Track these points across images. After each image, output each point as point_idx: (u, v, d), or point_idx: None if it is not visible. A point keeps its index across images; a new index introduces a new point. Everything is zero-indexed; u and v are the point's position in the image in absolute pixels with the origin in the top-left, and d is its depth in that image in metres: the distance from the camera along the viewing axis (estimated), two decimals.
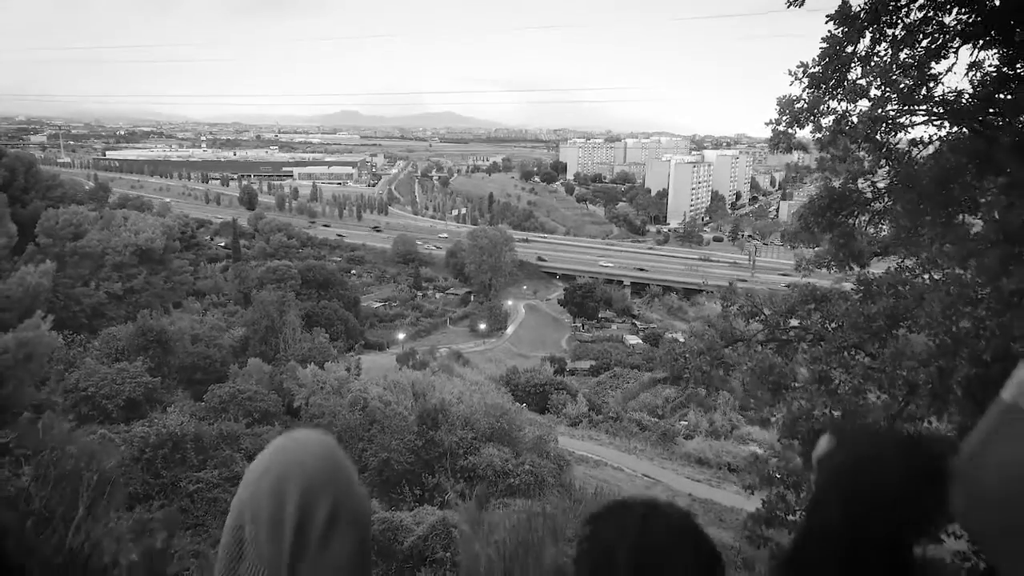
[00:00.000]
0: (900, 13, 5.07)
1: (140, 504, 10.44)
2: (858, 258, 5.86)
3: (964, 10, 4.93)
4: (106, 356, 27.21)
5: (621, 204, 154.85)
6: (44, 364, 19.71)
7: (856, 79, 5.23)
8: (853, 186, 5.79)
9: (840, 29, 5.14)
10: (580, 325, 69.15)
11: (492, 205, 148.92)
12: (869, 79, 5.12)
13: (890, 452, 1.12)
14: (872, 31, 5.15)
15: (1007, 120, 5.07)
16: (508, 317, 69.10)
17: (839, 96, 5.30)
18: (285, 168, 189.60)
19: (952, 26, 5.00)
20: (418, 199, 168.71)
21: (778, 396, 5.83)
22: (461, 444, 16.83)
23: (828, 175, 5.94)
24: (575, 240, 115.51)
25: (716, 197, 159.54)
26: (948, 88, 5.20)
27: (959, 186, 5.04)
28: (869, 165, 5.70)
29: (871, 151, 5.54)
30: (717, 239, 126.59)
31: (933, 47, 5.04)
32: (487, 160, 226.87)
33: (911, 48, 5.10)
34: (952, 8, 4.96)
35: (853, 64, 5.26)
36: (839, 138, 5.34)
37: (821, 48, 5.25)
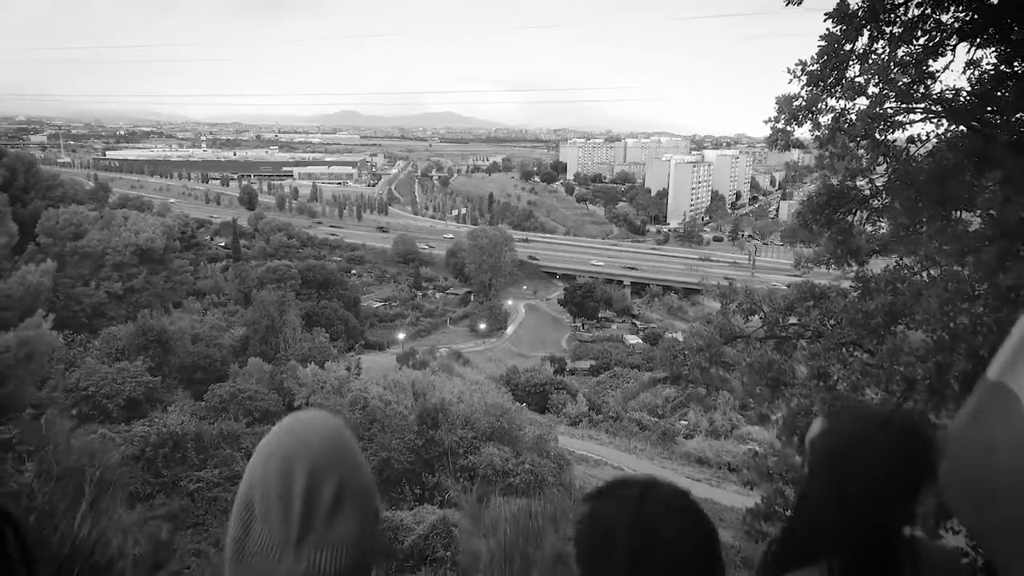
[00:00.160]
0: (898, 11, 5.10)
1: (141, 503, 10.47)
2: (856, 255, 5.89)
3: (961, 8, 4.96)
4: (106, 356, 27.24)
5: (621, 204, 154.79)
6: (45, 363, 19.75)
7: (854, 77, 5.27)
8: (851, 183, 5.82)
9: (838, 27, 5.17)
10: (580, 325, 69.17)
11: (492, 205, 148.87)
12: (867, 77, 5.15)
13: (879, 432, 1.15)
14: (870, 29, 5.18)
15: (1004, 118, 5.10)
16: (508, 317, 69.13)
17: (837, 94, 5.34)
18: (285, 168, 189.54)
19: (949, 24, 5.04)
20: (418, 199, 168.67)
21: (777, 393, 5.87)
22: (461, 443, 16.85)
23: (827, 173, 5.98)
24: (567, 239, 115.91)
25: (716, 197, 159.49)
26: (946, 86, 5.24)
27: (957, 183, 5.07)
28: (867, 163, 5.73)
29: (869, 149, 5.57)
30: (717, 239, 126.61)
31: (931, 45, 5.07)
32: (487, 160, 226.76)
33: (908, 45, 5.13)
34: (950, 6, 4.99)
35: (851, 62, 5.29)
36: (838, 136, 5.38)
37: (819, 46, 5.29)
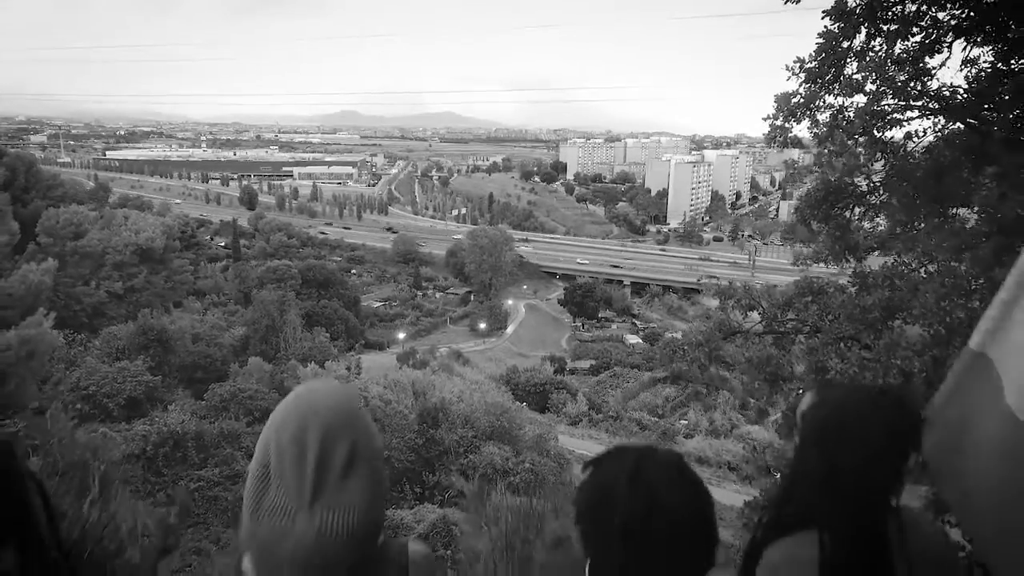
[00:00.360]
0: (895, 8, 5.14)
1: (142, 501, 10.50)
2: (854, 251, 5.94)
3: (958, 5, 5.00)
4: (107, 355, 27.25)
5: (621, 204, 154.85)
6: (46, 362, 19.78)
7: (852, 74, 5.31)
8: (849, 180, 5.87)
9: (836, 25, 5.22)
10: (580, 325, 69.21)
11: (492, 205, 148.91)
12: (865, 74, 5.19)
13: (867, 405, 1.20)
14: (867, 26, 5.23)
15: (1001, 115, 5.14)
16: (508, 317, 69.16)
17: (835, 91, 5.38)
18: (285, 168, 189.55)
19: (946, 21, 5.08)
20: (418, 199, 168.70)
21: (775, 388, 5.92)
22: (461, 442, 16.89)
23: (825, 170, 6.02)
24: (557, 238, 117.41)
25: (716, 197, 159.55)
26: (943, 83, 5.28)
27: (954, 180, 5.12)
28: (865, 159, 5.77)
29: (867, 146, 5.62)
30: (717, 239, 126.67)
31: (927, 42, 5.11)
32: (487, 160, 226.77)
33: (905, 41, 5.17)
34: (946, 3, 5.03)
35: (849, 59, 5.34)
36: (836, 133, 5.42)
37: (817, 43, 5.34)
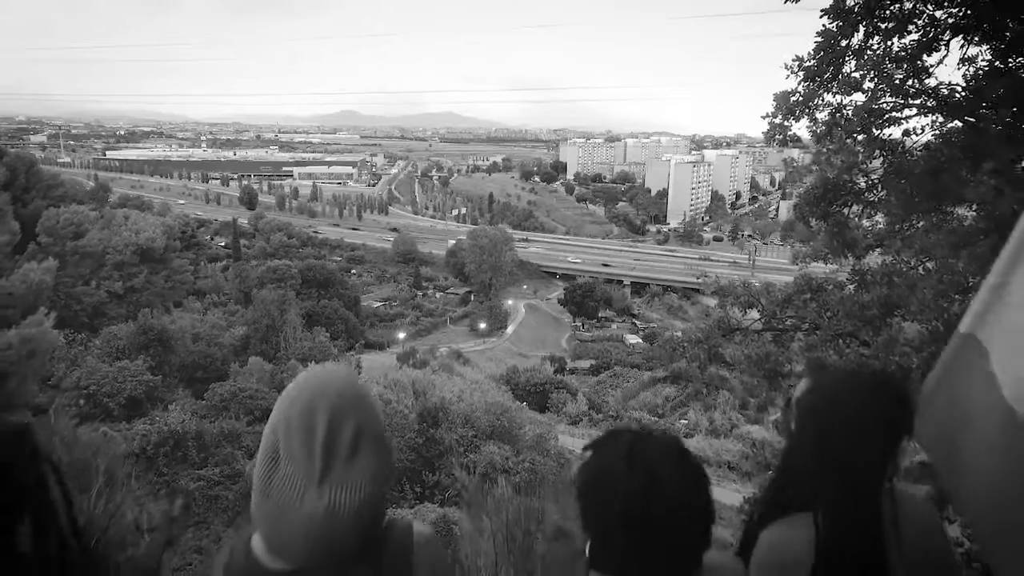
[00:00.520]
0: (893, 7, 5.17)
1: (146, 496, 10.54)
2: (852, 248, 5.97)
3: (955, 3, 5.03)
4: (107, 354, 27.24)
5: (621, 204, 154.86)
6: (47, 361, 19.80)
7: (850, 72, 5.34)
8: (847, 177, 5.90)
9: (834, 23, 5.25)
10: (580, 324, 69.23)
11: (492, 205, 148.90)
12: (863, 72, 5.22)
13: (858, 388, 1.23)
14: (865, 24, 5.26)
15: (998, 113, 5.16)
16: (508, 316, 69.14)
17: (834, 89, 5.42)
18: (285, 168, 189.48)
19: (943, 19, 5.11)
20: (418, 199, 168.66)
21: (774, 384, 5.95)
22: (462, 442, 16.91)
23: (823, 168, 6.05)
24: (550, 237, 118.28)
25: (716, 197, 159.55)
26: (940, 81, 5.30)
27: (951, 178, 5.14)
28: (863, 157, 5.80)
29: (865, 143, 5.65)
30: (717, 239, 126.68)
31: (925, 40, 5.14)
32: (487, 160, 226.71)
33: (902, 38, 5.20)
34: (944, 1, 5.06)
35: (847, 57, 5.37)
36: (834, 131, 5.45)
37: (816, 42, 5.37)
